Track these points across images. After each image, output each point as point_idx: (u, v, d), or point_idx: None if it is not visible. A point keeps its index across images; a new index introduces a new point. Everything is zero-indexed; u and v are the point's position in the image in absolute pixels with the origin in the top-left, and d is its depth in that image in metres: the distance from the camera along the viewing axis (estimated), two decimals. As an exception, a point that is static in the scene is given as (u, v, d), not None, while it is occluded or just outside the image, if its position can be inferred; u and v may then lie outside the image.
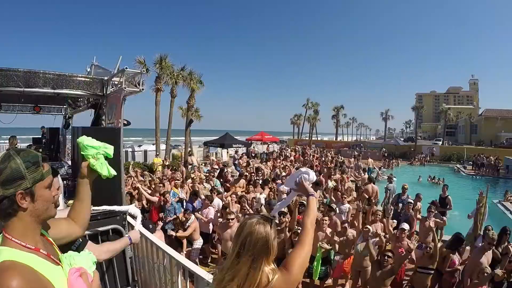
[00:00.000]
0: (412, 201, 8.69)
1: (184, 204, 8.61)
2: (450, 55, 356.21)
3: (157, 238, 5.78)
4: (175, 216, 7.99)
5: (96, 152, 1.92)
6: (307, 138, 53.10)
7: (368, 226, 6.26)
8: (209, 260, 7.82)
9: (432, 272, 5.68)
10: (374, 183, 11.14)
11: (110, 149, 1.99)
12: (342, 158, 24.51)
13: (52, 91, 5.37)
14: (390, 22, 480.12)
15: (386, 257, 5.32)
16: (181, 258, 3.39)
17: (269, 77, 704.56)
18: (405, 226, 6.42)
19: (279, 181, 11.52)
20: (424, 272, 5.70)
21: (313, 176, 2.26)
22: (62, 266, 1.46)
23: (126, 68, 4.78)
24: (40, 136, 11.38)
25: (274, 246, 1.59)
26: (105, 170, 1.92)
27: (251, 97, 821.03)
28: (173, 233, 7.31)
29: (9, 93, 5.54)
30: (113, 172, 1.98)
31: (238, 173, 13.18)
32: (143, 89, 5.10)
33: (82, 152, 1.91)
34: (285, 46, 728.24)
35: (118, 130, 4.29)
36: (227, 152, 27.13)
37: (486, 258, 5.52)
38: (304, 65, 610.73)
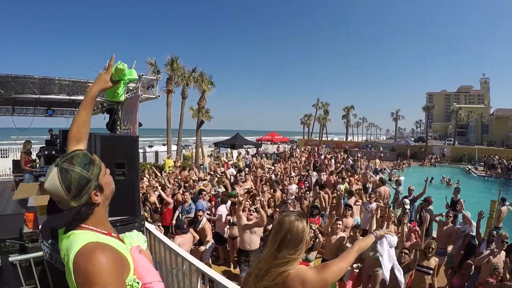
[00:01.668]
0: (408, 205, 8.61)
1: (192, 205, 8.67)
2: (461, 54, 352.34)
3: (188, 240, 5.93)
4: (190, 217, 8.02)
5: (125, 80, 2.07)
6: (317, 138, 52.94)
7: (379, 229, 6.24)
8: (222, 262, 7.86)
9: (431, 272, 5.63)
10: (385, 184, 10.97)
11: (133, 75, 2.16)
12: (355, 157, 24.27)
13: (68, 97, 5.48)
14: (399, 21, 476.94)
15: (403, 254, 5.42)
16: (200, 264, 3.43)
17: (269, 77, 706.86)
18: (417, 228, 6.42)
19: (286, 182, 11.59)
20: (421, 270, 5.68)
21: (394, 240, 2.70)
22: (126, 245, 1.59)
23: (142, 75, 4.86)
24: (51, 139, 11.45)
25: (308, 240, 1.79)
26: (123, 96, 2.09)
27: (252, 97, 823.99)
28: None
29: (25, 99, 5.66)
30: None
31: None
32: (159, 96, 5.18)
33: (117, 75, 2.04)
34: (285, 46, 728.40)
35: (136, 138, 4.35)
36: (239, 152, 27.10)
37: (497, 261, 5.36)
38: (309, 65, 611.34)
